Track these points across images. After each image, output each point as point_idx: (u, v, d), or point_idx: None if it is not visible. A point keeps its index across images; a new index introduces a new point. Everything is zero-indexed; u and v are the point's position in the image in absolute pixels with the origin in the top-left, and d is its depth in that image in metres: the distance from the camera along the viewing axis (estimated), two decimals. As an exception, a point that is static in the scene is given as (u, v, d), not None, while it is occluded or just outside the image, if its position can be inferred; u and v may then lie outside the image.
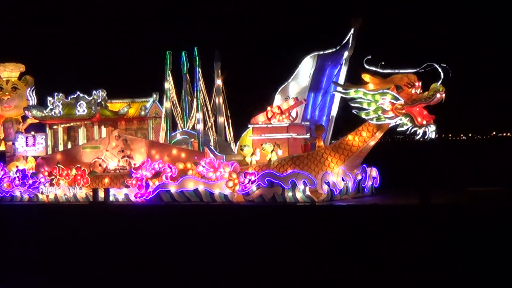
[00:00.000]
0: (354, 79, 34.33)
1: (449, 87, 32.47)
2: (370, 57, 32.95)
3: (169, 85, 39.90)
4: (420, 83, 32.83)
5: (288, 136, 36.63)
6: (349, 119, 34.92)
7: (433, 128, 32.54)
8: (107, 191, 37.12)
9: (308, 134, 37.22)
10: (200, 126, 38.42)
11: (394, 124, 33.16)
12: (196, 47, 39.22)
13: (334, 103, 36.63)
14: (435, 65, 31.94)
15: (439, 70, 31.89)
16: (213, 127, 39.73)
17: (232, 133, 40.32)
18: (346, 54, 36.30)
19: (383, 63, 32.88)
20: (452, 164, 72.13)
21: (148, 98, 41.53)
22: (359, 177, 36.44)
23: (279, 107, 37.03)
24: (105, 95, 41.19)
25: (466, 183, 37.02)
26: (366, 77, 33.12)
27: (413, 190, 33.86)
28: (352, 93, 33.33)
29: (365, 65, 33.02)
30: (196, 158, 36.95)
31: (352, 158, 35.00)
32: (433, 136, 32.71)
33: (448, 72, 32.02)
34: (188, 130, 39.66)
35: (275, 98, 37.90)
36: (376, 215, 30.75)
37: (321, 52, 37.41)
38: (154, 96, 41.47)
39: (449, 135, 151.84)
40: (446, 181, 47.79)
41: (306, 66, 37.74)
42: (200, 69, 39.19)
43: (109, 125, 41.33)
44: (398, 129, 33.34)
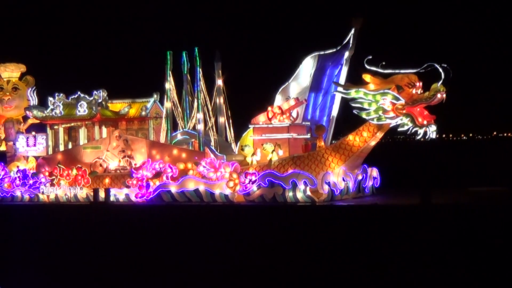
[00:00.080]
0: (355, 79, 34.34)
1: (449, 87, 32.49)
2: (370, 57, 32.98)
3: (169, 85, 39.91)
4: (420, 83, 32.83)
5: (289, 136, 36.63)
6: (350, 119, 34.94)
7: (433, 128, 32.54)
8: (107, 191, 37.12)
9: (308, 134, 37.24)
10: (200, 126, 38.40)
11: (395, 124, 33.16)
12: (196, 47, 39.25)
13: (335, 103, 36.63)
14: (436, 65, 31.93)
15: (440, 70, 31.90)
16: (214, 127, 39.72)
17: (232, 133, 40.33)
18: (346, 54, 36.30)
19: (384, 63, 32.88)
20: (452, 164, 72.05)
21: (149, 98, 41.49)
22: (359, 177, 36.46)
23: (279, 107, 37.04)
24: (105, 95, 41.17)
25: (467, 183, 37.11)
26: (367, 77, 33.12)
27: (413, 190, 33.83)
28: (353, 93, 33.33)
29: (366, 65, 33.02)
30: (196, 158, 36.95)
31: (352, 158, 35.00)
32: (433, 136, 32.72)
33: (448, 72, 32.03)
34: (189, 130, 39.67)
35: (276, 98, 37.90)
36: (377, 215, 30.77)
37: (322, 52, 37.42)
38: (155, 96, 41.45)
39: (449, 135, 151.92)
40: (447, 181, 47.73)
41: (307, 66, 37.76)
42: (200, 69, 39.17)
43: (109, 125, 41.30)
44: (398, 129, 33.35)
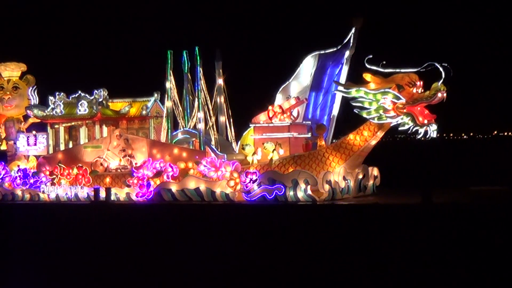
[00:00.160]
0: (356, 79, 34.33)
1: (450, 86, 32.48)
2: (371, 56, 32.96)
3: (170, 84, 39.89)
4: (421, 83, 32.80)
5: (290, 136, 36.61)
6: (351, 118, 34.94)
7: (434, 127, 32.51)
8: (108, 191, 37.11)
9: (309, 134, 37.24)
10: (201, 126, 38.38)
11: (396, 123, 33.14)
12: (197, 47, 39.24)
13: (336, 102, 36.61)
14: (436, 65, 31.92)
15: (440, 69, 31.87)
16: (215, 127, 39.72)
17: (233, 133, 40.31)
18: (347, 53, 36.26)
19: (384, 62, 32.87)
20: (453, 163, 72.13)
21: (150, 97, 41.44)
22: (360, 176, 36.46)
23: (280, 107, 37.02)
24: (106, 94, 41.12)
25: (468, 182, 37.01)
26: (368, 76, 33.11)
27: (414, 189, 33.89)
28: (354, 92, 33.30)
29: (366, 64, 33.00)
30: (197, 157, 36.94)
31: (353, 158, 34.99)
32: (434, 136, 32.70)
33: (449, 71, 32.00)
34: (190, 130, 39.65)
35: (277, 97, 37.91)
36: (377, 214, 30.77)
37: (322, 52, 37.43)
38: (156, 95, 41.41)
39: (450, 135, 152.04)
40: (448, 180, 47.73)
41: (308, 66, 37.75)
42: (201, 68, 39.14)
43: (110, 125, 41.27)
44: (399, 129, 33.33)
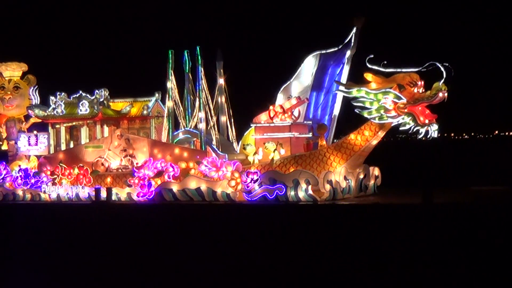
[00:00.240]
0: (357, 78, 34.36)
1: (451, 86, 32.48)
2: (372, 56, 32.99)
3: (171, 84, 39.92)
4: (422, 82, 32.82)
5: (291, 135, 36.64)
6: (352, 118, 34.96)
7: (435, 127, 32.53)
8: (109, 190, 37.17)
9: (310, 133, 37.27)
10: (202, 125, 38.41)
11: (397, 123, 33.17)
12: (198, 46, 39.24)
13: (337, 102, 36.66)
14: (438, 64, 31.96)
15: (442, 69, 31.90)
16: (216, 126, 39.77)
17: (234, 132, 40.37)
18: (348, 53, 36.31)
19: (386, 62, 32.92)
20: (454, 163, 72.10)
21: (151, 97, 41.54)
22: (361, 176, 36.47)
23: (281, 106, 37.05)
24: (107, 94, 41.19)
25: (469, 182, 37.01)
26: (369, 76, 33.12)
27: (415, 189, 33.90)
28: (355, 92, 33.31)
29: (368, 64, 33.02)
30: (198, 157, 36.95)
31: (354, 157, 35.00)
32: (435, 135, 32.70)
33: (450, 71, 32.01)
34: (191, 129, 39.64)
35: (278, 97, 37.96)
36: (378, 214, 30.79)
37: (324, 51, 37.47)
38: (157, 95, 41.49)
39: (451, 134, 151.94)
40: (449, 180, 47.73)
41: (309, 65, 37.79)
42: (202, 68, 39.16)
43: (111, 124, 41.33)
44: (400, 128, 33.36)
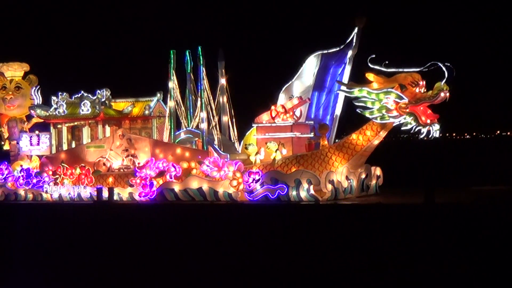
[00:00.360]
0: (358, 78, 34.36)
1: (453, 86, 32.49)
2: (374, 56, 32.99)
3: (173, 84, 39.92)
4: (424, 82, 32.83)
5: (292, 135, 36.67)
6: (353, 118, 34.97)
7: (437, 127, 32.52)
8: (111, 190, 37.19)
9: (312, 133, 37.29)
10: (204, 125, 38.44)
11: (398, 123, 33.17)
12: (200, 46, 39.23)
13: (338, 102, 36.71)
14: (439, 64, 31.96)
15: (443, 69, 31.90)
16: (217, 126, 39.76)
17: (236, 132, 40.36)
18: (350, 53, 36.33)
19: (387, 62, 32.91)
20: (456, 163, 72.06)
21: (152, 97, 41.63)
22: (363, 176, 36.49)
23: (283, 106, 37.06)
24: (109, 94, 41.28)
25: (470, 182, 37.08)
26: (370, 76, 33.14)
27: (417, 189, 33.89)
28: (356, 92, 33.32)
29: (369, 64, 33.03)
30: (200, 157, 36.98)
31: (356, 157, 35.02)
32: (437, 135, 32.70)
33: (452, 71, 32.01)
34: (192, 129, 39.66)
35: (279, 97, 37.95)
36: (380, 214, 30.79)
37: (325, 51, 37.44)
38: (158, 95, 41.56)
39: (453, 134, 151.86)
40: (450, 180, 47.73)
41: (310, 65, 37.77)
42: (204, 68, 39.18)
43: (113, 124, 41.40)
44: (402, 128, 33.34)
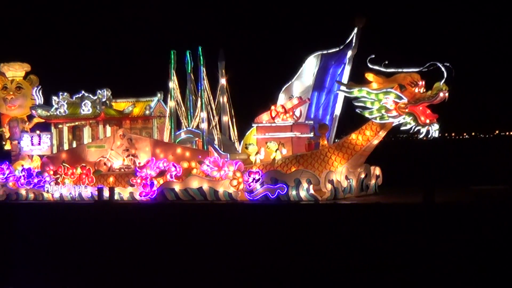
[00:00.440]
0: (358, 78, 34.43)
1: (452, 86, 32.59)
2: (373, 56, 33.07)
3: (173, 84, 40.00)
4: (423, 82, 32.91)
5: (292, 135, 36.76)
6: (353, 118, 35.05)
7: (436, 127, 32.60)
8: (112, 190, 37.28)
9: (312, 133, 37.36)
10: (204, 125, 38.53)
11: (398, 123, 33.25)
12: (200, 47, 39.32)
13: (338, 102, 36.78)
14: (438, 64, 32.03)
15: (442, 69, 31.97)
16: (217, 126, 39.83)
17: (236, 132, 40.41)
18: (349, 53, 36.42)
19: (387, 62, 32.99)
20: (455, 162, 72.09)
21: (153, 97, 41.66)
22: (362, 175, 36.59)
23: (283, 106, 37.15)
24: (109, 94, 41.31)
25: (469, 182, 37.09)
26: (370, 76, 33.22)
27: (416, 189, 33.97)
28: (356, 92, 33.41)
29: (369, 64, 33.11)
30: (200, 157, 37.10)
31: (355, 157, 35.12)
32: (436, 135, 32.78)
33: (451, 71, 32.10)
34: (193, 129, 39.74)
35: (279, 97, 38.04)
36: (379, 213, 30.88)
37: (325, 52, 37.52)
38: (159, 95, 41.60)
39: (452, 134, 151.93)
40: (449, 179, 47.79)
41: (310, 65, 37.86)
42: (204, 69, 39.27)
43: (114, 124, 41.44)
44: (401, 128, 33.41)
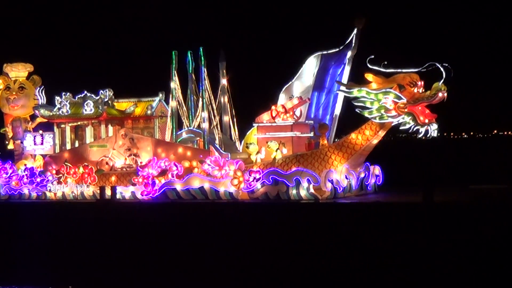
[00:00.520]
0: (357, 79, 34.55)
1: (450, 86, 32.76)
2: (373, 56, 33.18)
3: (175, 84, 40.09)
4: (422, 82, 33.04)
5: (292, 135, 36.92)
6: (353, 118, 35.20)
7: (435, 126, 32.73)
8: (114, 189, 37.34)
9: (312, 133, 37.49)
10: (205, 125, 38.62)
11: (397, 122, 33.38)
12: (201, 47, 39.46)
13: (338, 102, 36.93)
14: (437, 65, 32.14)
15: (441, 69, 32.09)
16: (218, 126, 39.92)
17: (237, 132, 40.49)
18: (349, 53, 36.55)
19: (386, 62, 33.10)
20: (454, 162, 72.13)
21: (154, 97, 41.65)
22: (362, 175, 36.74)
23: (283, 106, 37.28)
24: (112, 94, 41.31)
25: (468, 181, 37.24)
26: (369, 76, 33.36)
27: (415, 188, 34.09)
28: (355, 92, 33.54)
29: (368, 64, 33.22)
30: (201, 156, 37.26)
31: (355, 156, 35.27)
32: (435, 135, 32.89)
33: (449, 71, 32.21)
34: (194, 129, 39.87)
35: (280, 97, 38.16)
36: (379, 212, 31.03)
37: (325, 52, 37.62)
38: (160, 95, 41.62)
39: (451, 134, 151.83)
40: (448, 179, 47.92)
41: (310, 66, 37.97)
42: (205, 69, 39.39)
43: (116, 124, 41.49)
44: (400, 128, 33.54)
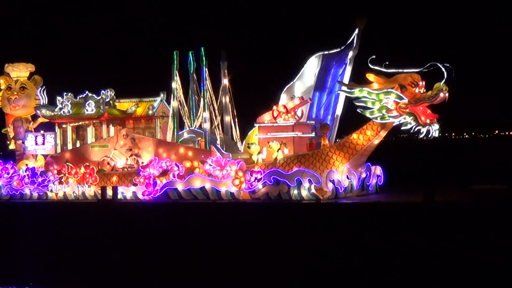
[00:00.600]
0: (359, 79, 34.53)
1: (452, 86, 32.77)
2: (374, 56, 33.14)
3: (176, 84, 40.13)
4: (423, 83, 33.03)
5: (294, 135, 36.93)
6: (354, 118, 35.21)
7: (436, 126, 32.72)
8: (115, 189, 37.37)
9: (313, 133, 37.49)
10: (207, 125, 38.66)
11: (398, 123, 33.37)
12: (203, 47, 39.46)
13: (339, 102, 36.94)
14: (439, 65, 32.12)
15: (443, 69, 32.07)
16: (220, 126, 39.93)
17: (238, 132, 40.49)
18: (350, 53, 36.54)
19: (387, 62, 33.07)
20: (455, 162, 72.21)
21: (156, 97, 41.61)
22: (363, 175, 36.71)
23: (284, 106, 37.29)
24: (113, 94, 41.29)
25: (470, 181, 37.25)
26: (371, 76, 33.36)
27: (417, 188, 34.10)
28: (357, 92, 33.55)
29: (370, 64, 33.19)
30: (203, 156, 37.28)
31: (356, 157, 35.29)
32: (436, 135, 32.92)
33: (451, 71, 32.22)
34: (195, 129, 39.91)
35: (281, 97, 38.14)
36: (380, 213, 31.03)
37: (326, 52, 37.53)
38: (162, 95, 41.61)
39: (452, 134, 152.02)
40: (450, 179, 47.94)
41: (311, 66, 37.94)
42: (206, 69, 39.40)
43: (117, 124, 41.47)
44: (402, 128, 33.51)
